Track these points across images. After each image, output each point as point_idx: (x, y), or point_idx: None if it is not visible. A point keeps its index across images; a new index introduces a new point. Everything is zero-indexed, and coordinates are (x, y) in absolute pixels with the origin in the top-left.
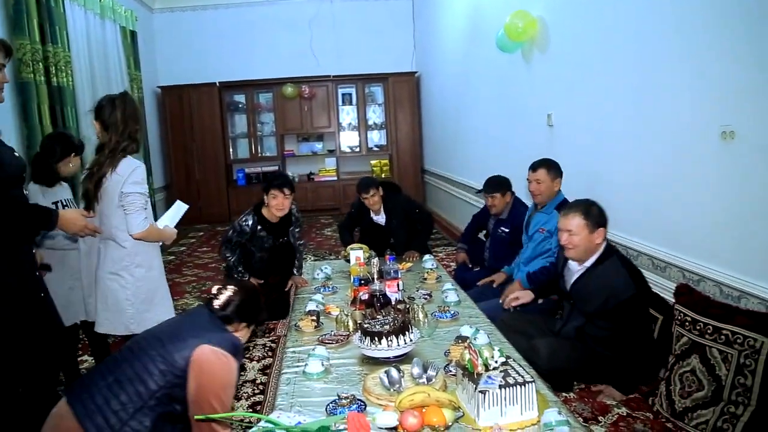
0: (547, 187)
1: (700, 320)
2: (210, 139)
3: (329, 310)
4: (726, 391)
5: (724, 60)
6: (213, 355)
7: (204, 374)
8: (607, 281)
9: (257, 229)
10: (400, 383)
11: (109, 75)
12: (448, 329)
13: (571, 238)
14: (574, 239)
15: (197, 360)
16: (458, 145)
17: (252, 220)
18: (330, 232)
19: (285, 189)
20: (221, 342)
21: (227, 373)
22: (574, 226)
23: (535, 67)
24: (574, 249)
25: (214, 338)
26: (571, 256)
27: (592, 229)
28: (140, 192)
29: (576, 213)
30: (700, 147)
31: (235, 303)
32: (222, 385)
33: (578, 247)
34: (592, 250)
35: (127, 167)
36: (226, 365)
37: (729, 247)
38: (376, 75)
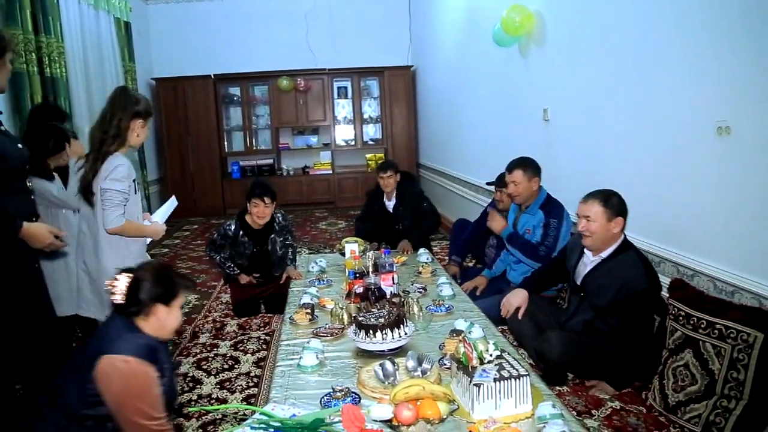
0: (524, 188)
1: (693, 315)
2: (205, 131)
3: (324, 304)
4: (719, 385)
5: (721, 55)
6: (113, 366)
7: (110, 387)
8: (621, 272)
9: (239, 234)
10: (395, 376)
11: (103, 66)
12: (443, 323)
13: (589, 224)
14: (592, 226)
15: (101, 375)
16: (454, 140)
17: (235, 225)
18: (325, 226)
19: (265, 198)
20: (124, 348)
21: (136, 381)
22: (592, 213)
23: (532, 61)
24: (591, 236)
25: (118, 345)
26: (588, 244)
27: (610, 216)
28: (118, 189)
29: (595, 200)
30: (696, 142)
31: (138, 289)
32: (133, 394)
33: (595, 234)
34: (609, 239)
35: (109, 165)
36: (130, 373)
37: (723, 242)
38: (372, 69)
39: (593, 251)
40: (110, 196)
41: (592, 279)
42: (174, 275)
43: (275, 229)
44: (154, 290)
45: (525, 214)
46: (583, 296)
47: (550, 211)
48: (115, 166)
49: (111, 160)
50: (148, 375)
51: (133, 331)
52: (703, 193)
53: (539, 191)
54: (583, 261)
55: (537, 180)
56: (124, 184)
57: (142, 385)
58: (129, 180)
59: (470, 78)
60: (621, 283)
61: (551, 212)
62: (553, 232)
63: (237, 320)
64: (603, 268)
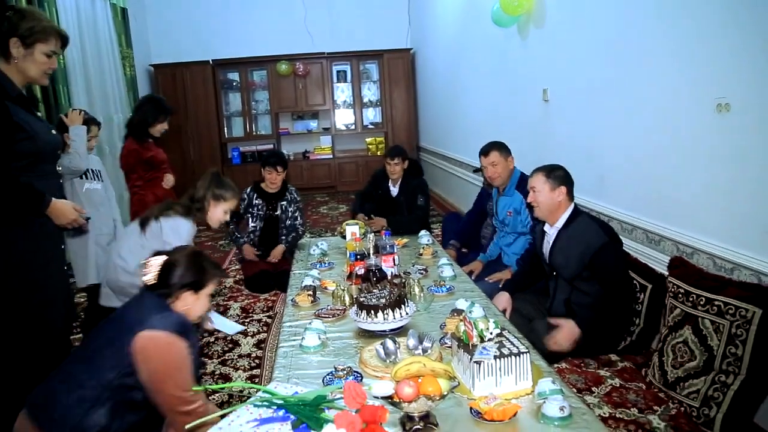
0: (503, 168)
1: (693, 292)
2: (204, 117)
3: (325, 285)
4: (717, 360)
5: (720, 33)
6: (152, 340)
7: (149, 362)
8: (579, 237)
9: (254, 197)
10: (396, 354)
11: (101, 53)
12: (444, 303)
13: (535, 195)
14: (537, 196)
15: (139, 348)
16: (453, 122)
17: (250, 189)
18: (326, 210)
19: (278, 167)
20: (159, 324)
21: (172, 356)
22: (537, 184)
23: (531, 42)
24: (538, 206)
25: (152, 322)
26: (537, 214)
27: (552, 186)
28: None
29: (539, 173)
30: (696, 120)
31: (170, 272)
32: (171, 369)
33: (542, 203)
34: (556, 208)
35: (177, 223)
36: (168, 348)
37: (723, 219)
38: (371, 52)
39: (547, 221)
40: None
41: (556, 253)
42: (206, 264)
43: (287, 198)
44: (184, 277)
45: (503, 197)
46: (556, 275)
47: (527, 189)
48: (180, 227)
49: (180, 221)
50: (184, 350)
51: (167, 309)
52: (703, 170)
53: (513, 171)
54: (546, 240)
55: (511, 159)
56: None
57: (178, 360)
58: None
59: (469, 60)
60: (583, 248)
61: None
62: None
63: (240, 303)
64: (562, 238)
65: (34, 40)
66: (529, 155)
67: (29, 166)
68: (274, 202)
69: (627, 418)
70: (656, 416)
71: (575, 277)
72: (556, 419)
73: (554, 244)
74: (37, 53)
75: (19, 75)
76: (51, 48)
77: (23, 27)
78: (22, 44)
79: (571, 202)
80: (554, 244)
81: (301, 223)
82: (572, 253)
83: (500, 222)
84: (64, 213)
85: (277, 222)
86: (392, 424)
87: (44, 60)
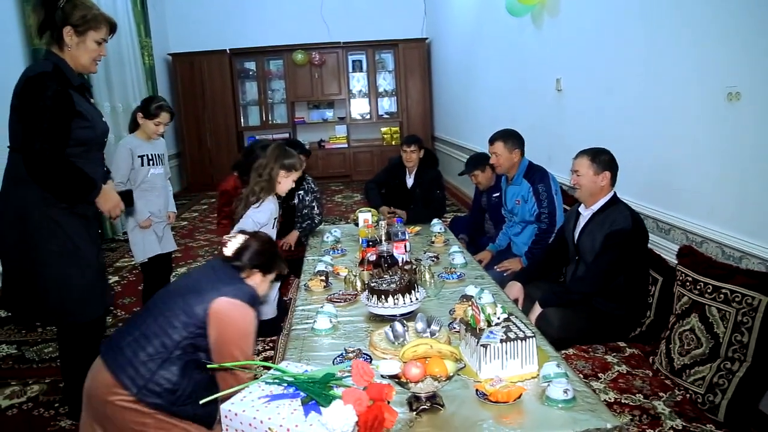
0: (505, 159)
1: (700, 280)
2: (221, 106)
3: (338, 271)
4: (723, 348)
5: (731, 21)
6: (230, 306)
7: (222, 325)
8: (608, 221)
9: None
10: (405, 337)
11: (120, 42)
12: (454, 290)
13: (579, 178)
14: (581, 180)
15: (215, 312)
16: (468, 112)
17: None
18: (340, 199)
19: (301, 154)
20: (237, 293)
21: (245, 323)
22: (580, 167)
23: (545, 31)
24: (580, 189)
25: (230, 290)
26: (578, 196)
27: (597, 170)
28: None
29: (584, 156)
30: (706, 109)
31: (245, 250)
32: (241, 334)
33: (584, 186)
34: (597, 192)
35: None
36: (242, 316)
37: (732, 208)
38: (387, 41)
39: (585, 203)
40: (246, 221)
41: (585, 235)
42: (276, 252)
43: (303, 187)
44: (258, 258)
45: (511, 186)
46: (579, 259)
47: (534, 178)
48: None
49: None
50: (253, 320)
51: (241, 281)
52: (713, 159)
53: (521, 161)
54: (579, 222)
55: (518, 152)
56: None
57: (248, 328)
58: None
59: (484, 49)
60: (607, 229)
61: (535, 179)
62: (545, 195)
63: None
64: (594, 221)
65: (86, 28)
66: (541, 144)
67: (83, 153)
68: (291, 191)
69: (632, 404)
70: (661, 402)
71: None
72: (560, 402)
73: (585, 227)
74: (89, 41)
75: (72, 63)
76: (102, 35)
77: (76, 16)
78: (75, 32)
79: (612, 188)
80: (585, 227)
81: (318, 213)
82: (597, 236)
83: (509, 211)
84: (111, 200)
85: (294, 211)
86: (399, 404)
87: (95, 47)
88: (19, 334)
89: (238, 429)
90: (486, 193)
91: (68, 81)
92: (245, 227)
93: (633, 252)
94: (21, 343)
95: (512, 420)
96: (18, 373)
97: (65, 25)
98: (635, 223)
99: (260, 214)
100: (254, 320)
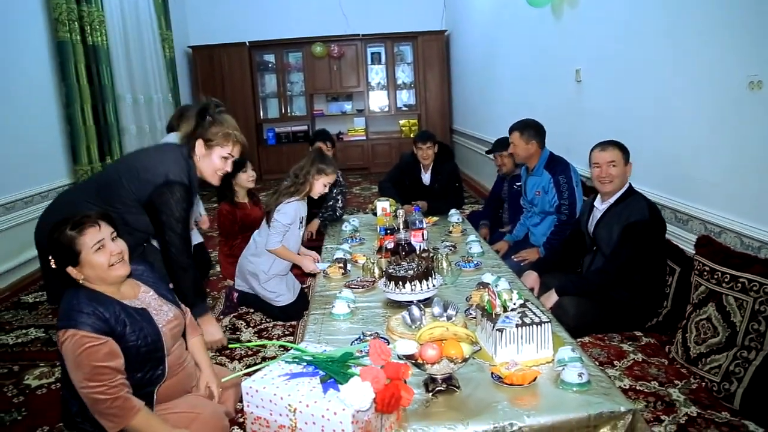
0: (521, 149)
1: (718, 269)
2: (240, 99)
3: (356, 259)
4: (740, 336)
5: (753, 8)
6: None
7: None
8: (625, 212)
9: None
10: (422, 321)
11: (141, 35)
12: (471, 278)
13: (614, 169)
14: (615, 170)
15: None
16: (487, 104)
17: None
18: (358, 191)
19: (327, 142)
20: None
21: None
22: (616, 157)
23: (565, 22)
24: (612, 181)
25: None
26: (609, 190)
27: (626, 161)
28: (282, 222)
29: (614, 147)
30: (728, 98)
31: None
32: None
33: (617, 178)
34: (623, 183)
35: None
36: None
37: (751, 198)
38: (406, 34)
39: (608, 196)
40: (275, 225)
41: (602, 226)
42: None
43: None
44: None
45: (531, 176)
46: (596, 249)
47: (555, 169)
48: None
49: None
50: None
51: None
52: (733, 149)
53: (542, 152)
54: (593, 214)
55: (535, 143)
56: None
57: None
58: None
59: (503, 41)
60: (625, 220)
61: (556, 170)
62: (565, 186)
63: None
64: (611, 213)
65: (215, 143)
66: (560, 135)
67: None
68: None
69: (647, 391)
70: (676, 390)
71: (612, 250)
72: (575, 385)
73: (602, 218)
74: (215, 155)
75: (198, 172)
76: (228, 151)
77: (211, 132)
78: (205, 145)
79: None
80: (601, 219)
81: (340, 206)
82: (614, 228)
83: (528, 202)
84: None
85: (320, 203)
86: (416, 385)
87: (220, 163)
88: (47, 319)
89: (259, 405)
90: (508, 181)
91: (191, 188)
92: (275, 231)
93: (651, 243)
94: (48, 327)
95: (527, 402)
96: (46, 355)
97: (200, 137)
98: (652, 213)
99: (283, 216)
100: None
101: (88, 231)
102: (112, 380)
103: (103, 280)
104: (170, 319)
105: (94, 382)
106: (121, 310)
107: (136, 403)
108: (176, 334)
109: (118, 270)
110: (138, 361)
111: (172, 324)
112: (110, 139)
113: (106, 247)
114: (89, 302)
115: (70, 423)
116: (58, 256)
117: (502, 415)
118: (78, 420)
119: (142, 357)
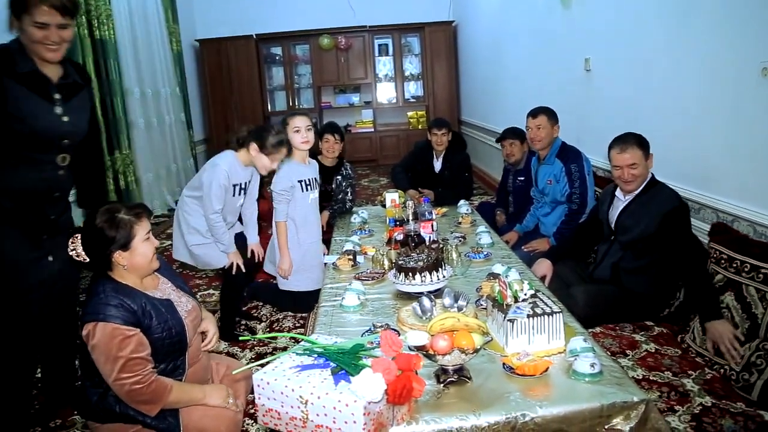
0: (547, 133)
1: (736, 258)
2: (248, 91)
3: (365, 251)
4: (762, 328)
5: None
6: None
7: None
8: (656, 201)
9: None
10: (432, 311)
11: (149, 28)
12: (481, 268)
13: (637, 170)
14: (637, 170)
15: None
16: (495, 95)
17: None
18: (367, 183)
19: (335, 134)
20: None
21: None
22: (637, 158)
23: (574, 10)
24: (635, 181)
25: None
26: (632, 189)
27: (647, 156)
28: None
29: (633, 145)
30: (740, 85)
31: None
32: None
33: (639, 177)
34: (645, 178)
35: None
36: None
37: (764, 185)
38: (413, 25)
39: (630, 191)
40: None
41: (625, 217)
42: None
43: (342, 173)
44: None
45: (543, 165)
46: (614, 239)
47: (567, 157)
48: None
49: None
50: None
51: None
52: (745, 136)
53: (555, 140)
54: (615, 205)
55: (557, 128)
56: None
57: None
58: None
59: (511, 30)
60: (655, 211)
61: (568, 158)
62: (577, 176)
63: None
64: (636, 203)
65: (19, 12)
66: (570, 125)
67: (17, 153)
68: (330, 176)
69: (660, 381)
70: (690, 380)
71: (639, 240)
72: (587, 375)
73: (626, 207)
74: (26, 25)
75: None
76: (35, 19)
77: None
78: (14, 17)
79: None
80: (626, 208)
81: (350, 199)
82: (643, 218)
83: (539, 191)
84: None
85: (330, 196)
86: (427, 376)
87: (34, 32)
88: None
89: (270, 397)
90: (512, 175)
91: (10, 67)
92: (276, 201)
93: (687, 226)
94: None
95: (539, 393)
96: None
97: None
98: (677, 197)
99: (276, 185)
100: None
101: (143, 219)
102: (145, 369)
103: (140, 271)
104: (189, 311)
105: (129, 373)
106: (147, 302)
107: (168, 381)
108: (196, 325)
109: (156, 263)
110: (162, 352)
111: (192, 315)
112: (119, 133)
113: (151, 239)
114: (116, 294)
115: (88, 412)
116: (108, 237)
117: (514, 406)
118: (99, 408)
119: (166, 348)
